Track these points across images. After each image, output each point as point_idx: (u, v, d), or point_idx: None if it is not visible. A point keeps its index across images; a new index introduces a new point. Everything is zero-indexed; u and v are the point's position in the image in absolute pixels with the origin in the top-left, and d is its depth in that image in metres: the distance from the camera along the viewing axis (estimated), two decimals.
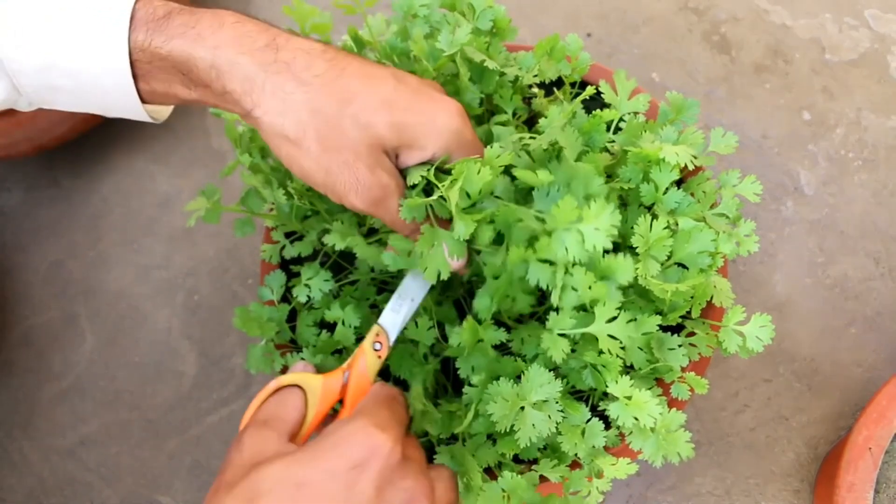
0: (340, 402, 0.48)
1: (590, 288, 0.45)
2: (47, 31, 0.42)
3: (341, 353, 0.57)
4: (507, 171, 0.49)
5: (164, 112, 0.50)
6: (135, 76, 0.44)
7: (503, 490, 0.47)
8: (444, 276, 0.46)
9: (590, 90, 0.53)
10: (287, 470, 0.39)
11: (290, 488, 0.38)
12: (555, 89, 0.62)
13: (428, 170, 0.47)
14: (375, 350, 0.49)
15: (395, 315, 0.51)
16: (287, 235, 0.61)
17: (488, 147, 0.47)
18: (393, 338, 0.50)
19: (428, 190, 0.48)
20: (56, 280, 0.83)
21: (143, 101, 0.46)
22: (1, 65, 0.43)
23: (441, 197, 0.46)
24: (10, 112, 0.75)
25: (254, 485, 0.38)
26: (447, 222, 0.47)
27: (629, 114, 0.54)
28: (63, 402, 0.79)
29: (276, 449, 0.41)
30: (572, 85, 0.61)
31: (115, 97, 0.45)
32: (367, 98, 0.44)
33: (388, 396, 0.47)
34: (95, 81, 0.44)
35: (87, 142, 0.88)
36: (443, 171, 0.47)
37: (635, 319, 0.48)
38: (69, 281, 0.83)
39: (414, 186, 0.47)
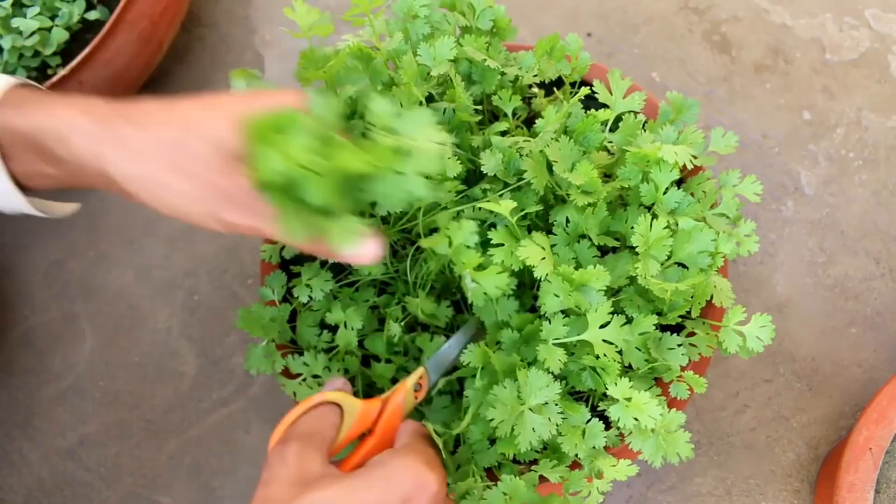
0: (369, 429, 0.48)
1: (570, 295, 0.46)
2: None
3: (344, 356, 0.57)
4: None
5: (59, 209, 0.51)
6: (5, 157, 0.45)
7: (504, 493, 0.47)
8: (300, 240, 0.43)
9: (584, 90, 0.53)
10: (341, 496, 0.39)
11: None
12: (555, 89, 0.62)
13: None
14: (415, 391, 0.50)
15: (438, 362, 0.52)
16: None
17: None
18: (433, 381, 0.51)
19: None
20: (56, 280, 0.83)
21: (24, 185, 0.47)
22: None
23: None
24: None
25: None
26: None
27: (628, 112, 0.54)
28: (63, 402, 0.79)
29: (322, 471, 0.41)
30: (572, 85, 0.61)
31: None
32: (206, 116, 0.45)
33: (427, 435, 0.47)
34: None
35: None
36: None
37: (630, 321, 0.48)
38: (69, 281, 0.83)
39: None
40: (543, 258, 0.46)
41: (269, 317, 0.58)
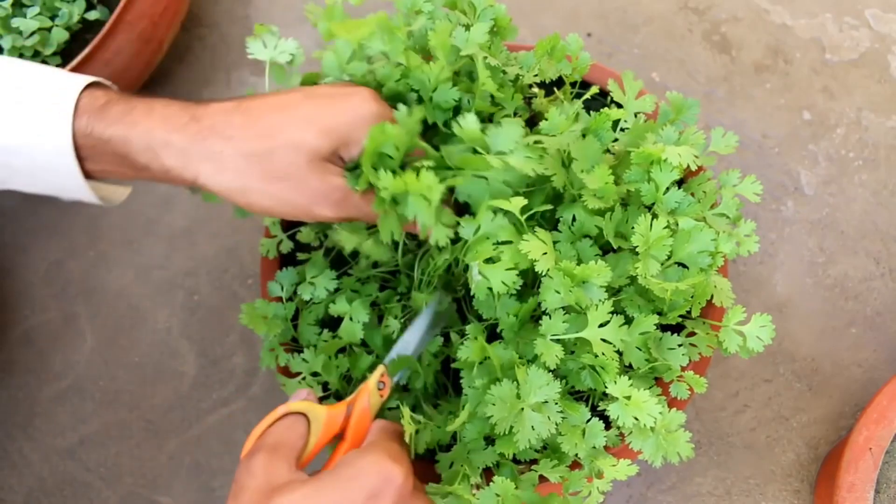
0: (340, 434, 0.49)
1: (570, 290, 0.46)
2: (4, 115, 0.46)
3: (344, 352, 0.57)
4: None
5: (118, 198, 0.53)
6: (83, 158, 0.47)
7: (497, 495, 0.47)
8: (397, 238, 0.49)
9: (593, 89, 0.53)
10: (307, 498, 0.40)
11: None
12: (555, 89, 0.62)
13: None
14: (379, 389, 0.51)
15: (398, 358, 0.53)
16: (287, 229, 0.62)
17: (398, 109, 0.48)
18: (395, 378, 0.52)
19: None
20: (56, 280, 0.83)
21: (98, 179, 0.50)
22: None
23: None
24: None
25: None
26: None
27: (633, 114, 0.54)
28: (63, 402, 0.79)
29: (289, 477, 0.42)
30: (572, 85, 0.61)
31: (64, 179, 0.48)
32: (288, 125, 0.47)
33: (395, 431, 0.48)
34: (45, 164, 0.47)
35: None
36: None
37: (629, 322, 0.48)
38: (69, 281, 0.83)
39: (355, 169, 0.49)
40: (545, 253, 0.46)
41: (273, 313, 0.58)
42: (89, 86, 0.48)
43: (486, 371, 0.49)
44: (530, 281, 0.53)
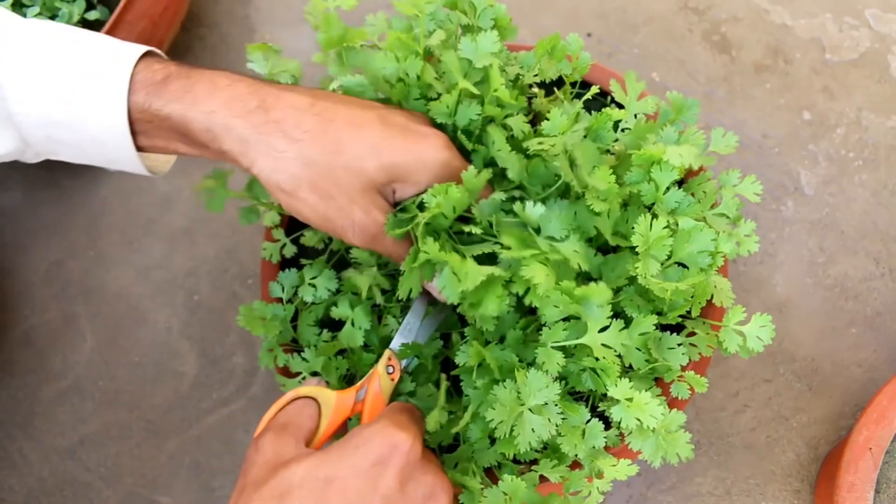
0: (356, 418, 0.50)
1: (570, 304, 0.46)
2: (54, 88, 0.45)
3: (343, 353, 0.57)
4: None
5: (163, 168, 0.53)
6: (136, 133, 0.46)
7: (504, 493, 0.47)
8: (414, 295, 0.48)
9: (594, 89, 0.53)
10: (314, 468, 0.41)
11: (318, 483, 0.40)
12: (555, 89, 0.62)
13: (412, 201, 0.48)
14: (388, 373, 0.52)
15: (404, 341, 0.54)
16: (289, 233, 0.62)
17: (467, 169, 0.48)
18: (404, 363, 0.53)
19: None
20: (56, 280, 0.83)
21: (148, 152, 0.49)
22: (10, 118, 0.45)
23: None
24: None
25: (283, 481, 0.41)
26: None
27: (634, 115, 0.54)
28: (63, 402, 0.79)
29: (296, 452, 0.43)
30: (572, 85, 0.61)
31: (115, 153, 0.47)
32: (355, 146, 0.46)
33: (406, 406, 0.49)
34: (96, 138, 0.46)
35: None
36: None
37: (630, 322, 0.48)
38: (69, 281, 0.83)
39: (403, 210, 0.49)
40: (548, 275, 0.45)
41: (272, 313, 0.58)
42: (143, 56, 0.46)
43: (486, 372, 0.49)
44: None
